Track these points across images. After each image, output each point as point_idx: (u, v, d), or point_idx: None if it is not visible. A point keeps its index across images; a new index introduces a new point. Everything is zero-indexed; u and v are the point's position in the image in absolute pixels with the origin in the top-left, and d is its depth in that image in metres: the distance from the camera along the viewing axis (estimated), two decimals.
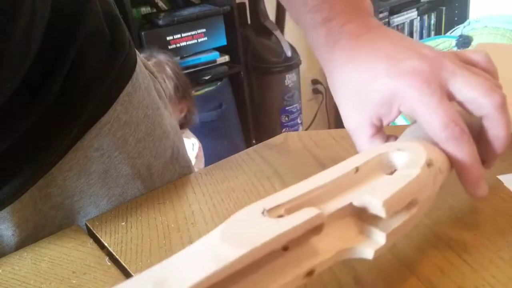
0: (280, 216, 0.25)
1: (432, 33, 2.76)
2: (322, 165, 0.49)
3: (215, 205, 0.45)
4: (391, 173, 0.30)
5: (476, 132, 0.34)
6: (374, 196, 0.26)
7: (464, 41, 1.87)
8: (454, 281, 0.31)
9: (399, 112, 0.34)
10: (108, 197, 0.48)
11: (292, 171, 0.49)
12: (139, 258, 0.39)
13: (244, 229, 0.24)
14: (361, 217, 0.27)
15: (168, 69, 1.47)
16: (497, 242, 0.34)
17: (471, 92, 0.32)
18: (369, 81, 0.35)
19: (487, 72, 0.35)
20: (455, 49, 1.85)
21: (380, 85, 0.34)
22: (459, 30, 2.01)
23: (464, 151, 0.31)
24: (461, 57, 0.36)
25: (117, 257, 0.39)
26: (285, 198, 0.26)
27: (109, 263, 0.39)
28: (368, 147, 0.36)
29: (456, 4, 2.66)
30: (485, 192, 0.33)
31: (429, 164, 0.29)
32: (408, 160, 0.30)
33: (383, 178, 0.29)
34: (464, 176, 0.32)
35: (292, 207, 0.26)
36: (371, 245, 0.27)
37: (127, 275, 0.38)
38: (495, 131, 0.33)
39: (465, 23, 2.10)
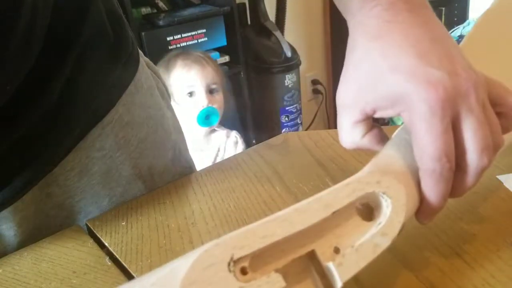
0: (244, 270, 0.24)
1: None
2: (322, 165, 0.49)
3: (215, 205, 0.45)
4: (363, 207, 0.29)
5: None
6: (338, 273, 0.26)
7: None
8: (454, 281, 0.31)
9: (398, 115, 0.31)
10: (110, 197, 0.49)
11: (292, 171, 0.49)
12: (139, 258, 0.39)
13: None
14: (314, 260, 0.27)
15: (213, 63, 1.53)
16: (497, 242, 0.34)
17: (470, 140, 0.30)
18: (385, 71, 0.30)
19: (506, 118, 0.32)
20: None
21: (394, 80, 0.30)
22: (458, 30, 2.01)
23: (440, 189, 0.30)
24: (493, 91, 0.32)
25: (117, 257, 0.39)
26: (256, 245, 0.25)
27: (110, 263, 0.39)
28: (348, 131, 0.33)
29: (456, 5, 2.66)
30: (430, 222, 0.32)
31: (400, 231, 0.28)
32: (385, 223, 0.28)
33: (358, 229, 0.28)
34: (425, 208, 0.31)
35: (259, 256, 0.25)
36: None
37: (127, 275, 0.38)
38: (464, 183, 0.31)
39: (465, 24, 2.10)
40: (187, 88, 1.46)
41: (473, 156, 0.30)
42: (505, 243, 0.34)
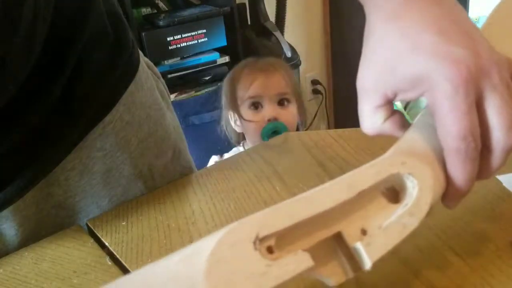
0: (270, 249, 0.24)
1: None
2: (322, 165, 0.49)
3: (216, 205, 0.45)
4: (388, 192, 0.29)
5: None
6: (366, 253, 0.26)
7: None
8: (454, 281, 0.31)
9: (419, 96, 0.30)
10: (110, 197, 0.49)
11: (292, 171, 0.49)
12: (140, 258, 0.39)
13: (231, 269, 0.22)
14: (340, 242, 0.27)
15: (283, 70, 1.30)
16: (497, 242, 0.34)
17: (495, 118, 0.29)
18: (405, 51, 0.29)
19: None
20: None
21: (415, 60, 0.29)
22: None
23: (466, 170, 0.29)
24: None
25: (117, 256, 0.40)
26: (281, 224, 0.25)
27: (110, 263, 0.39)
28: (369, 116, 0.32)
29: None
30: (455, 207, 0.32)
31: (428, 213, 0.28)
32: (412, 203, 0.28)
33: (383, 210, 0.28)
34: (451, 191, 0.30)
35: (285, 236, 0.25)
36: (336, 276, 0.26)
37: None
38: (490, 164, 0.30)
39: None
40: (251, 100, 1.22)
41: (499, 134, 0.29)
42: (505, 243, 0.34)
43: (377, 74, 0.31)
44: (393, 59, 0.30)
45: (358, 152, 0.50)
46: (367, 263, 0.25)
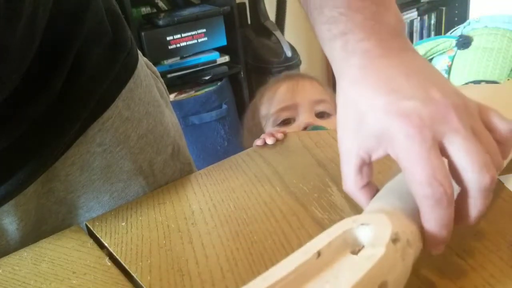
0: None
1: (432, 33, 2.75)
2: (322, 165, 0.49)
3: (215, 205, 0.45)
4: (358, 251, 0.28)
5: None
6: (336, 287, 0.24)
7: (464, 41, 1.86)
8: (454, 281, 0.31)
9: (386, 153, 0.31)
10: (111, 192, 0.49)
11: (292, 171, 0.49)
12: (139, 259, 0.39)
13: None
14: None
15: (317, 81, 1.01)
16: (497, 242, 0.34)
17: (463, 160, 0.29)
18: (366, 112, 0.32)
19: (500, 144, 0.32)
20: (455, 49, 1.85)
21: (374, 119, 0.31)
22: (459, 30, 2.00)
23: (438, 215, 0.29)
24: (484, 116, 0.32)
25: (117, 257, 0.39)
26: None
27: (109, 263, 0.39)
28: (348, 176, 0.34)
29: (456, 4, 2.66)
30: (440, 252, 0.31)
31: (394, 239, 0.27)
32: (372, 237, 0.27)
33: (347, 260, 0.27)
34: (429, 238, 0.30)
35: None
36: None
37: (127, 275, 0.38)
38: (470, 208, 0.30)
39: (465, 23, 2.09)
40: (280, 113, 0.88)
41: (470, 175, 0.29)
42: (505, 243, 0.34)
43: (351, 135, 0.33)
44: (357, 121, 0.33)
45: None
46: None
